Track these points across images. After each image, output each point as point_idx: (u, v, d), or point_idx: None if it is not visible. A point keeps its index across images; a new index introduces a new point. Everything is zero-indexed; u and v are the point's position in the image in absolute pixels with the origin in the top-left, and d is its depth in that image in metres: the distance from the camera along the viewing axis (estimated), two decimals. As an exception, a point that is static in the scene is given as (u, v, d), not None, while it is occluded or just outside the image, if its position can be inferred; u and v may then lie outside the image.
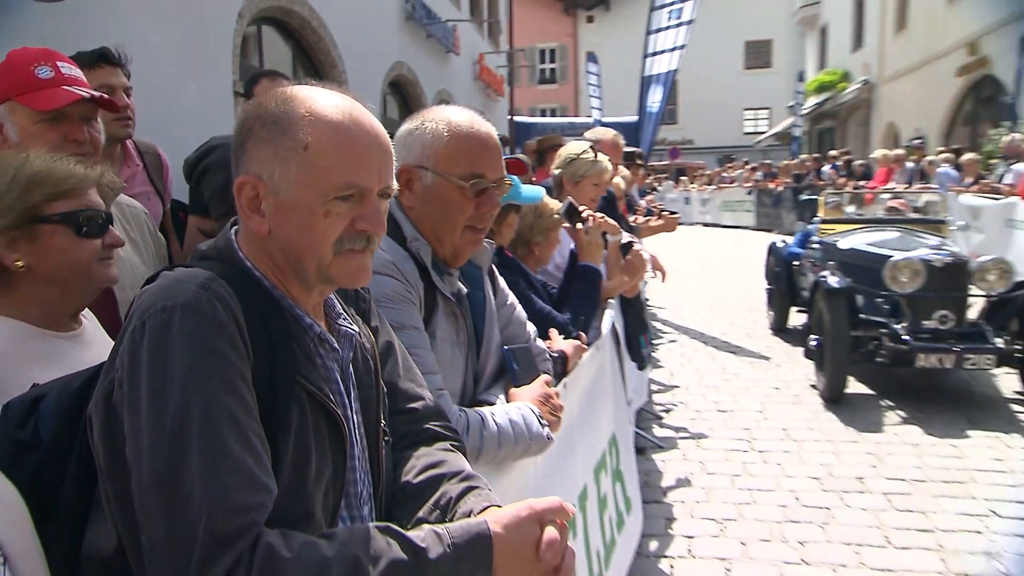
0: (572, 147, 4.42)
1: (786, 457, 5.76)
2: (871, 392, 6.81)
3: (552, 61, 47.49)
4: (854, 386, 6.67)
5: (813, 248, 8.97)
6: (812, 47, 39.51)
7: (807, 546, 4.45)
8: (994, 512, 4.75)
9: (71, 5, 5.57)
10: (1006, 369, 6.46)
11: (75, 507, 1.31)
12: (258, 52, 11.41)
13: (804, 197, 20.02)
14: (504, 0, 27.58)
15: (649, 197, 10.58)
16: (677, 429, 6.44)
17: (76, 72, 2.45)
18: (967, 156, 15.03)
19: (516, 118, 21.20)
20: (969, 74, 22.45)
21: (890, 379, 6.99)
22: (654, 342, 8.93)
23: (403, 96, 17.32)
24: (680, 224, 8.47)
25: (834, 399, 6.54)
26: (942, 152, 17.02)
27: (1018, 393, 6.49)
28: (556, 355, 2.57)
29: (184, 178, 3.28)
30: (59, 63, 2.40)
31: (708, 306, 11.83)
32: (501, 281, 2.47)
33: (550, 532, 1.33)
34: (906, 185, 15.36)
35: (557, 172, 4.31)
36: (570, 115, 37.77)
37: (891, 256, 6.81)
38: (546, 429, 2.04)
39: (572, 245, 3.68)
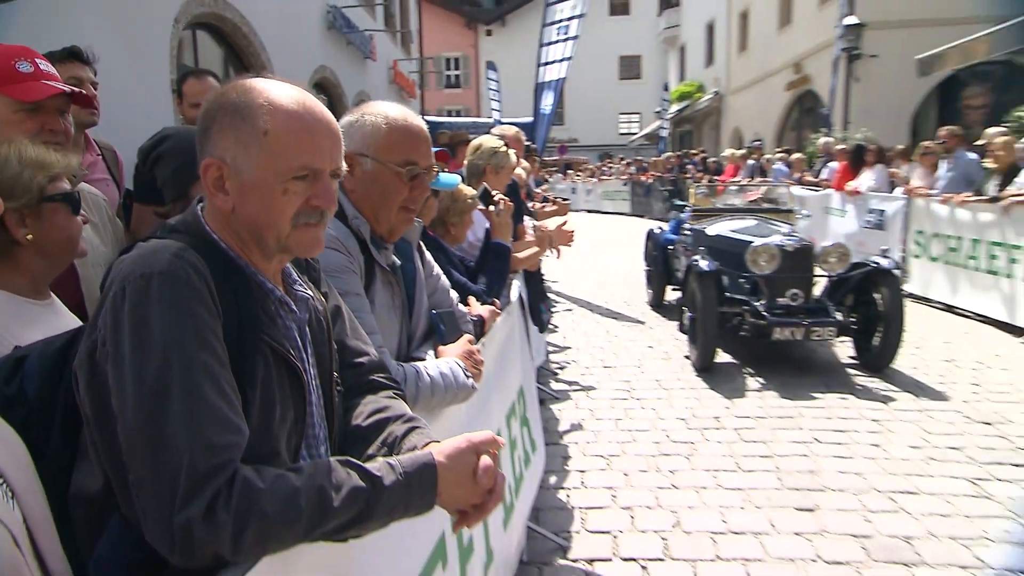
0: (493, 141, 4.43)
1: (659, 403, 5.93)
2: (735, 361, 6.94)
3: (457, 68, 47.36)
4: (721, 356, 6.77)
5: (685, 235, 8.89)
6: (674, 63, 40.46)
7: (676, 474, 4.62)
8: (817, 439, 5.10)
9: (22, 5, 5.34)
10: (843, 339, 6.71)
11: (62, 453, 1.29)
12: (193, 54, 11.11)
13: (666, 188, 20.62)
14: (414, 13, 27.42)
15: (543, 187, 10.65)
16: (570, 383, 6.55)
17: (52, 68, 2.40)
18: (795, 156, 15.78)
19: (427, 117, 20.98)
20: (795, 89, 23.45)
21: (751, 349, 7.08)
22: (551, 310, 8.98)
23: (327, 96, 17.00)
24: (570, 211, 8.55)
25: (705, 368, 6.59)
26: (777, 152, 17.70)
27: (851, 358, 6.77)
28: (475, 319, 2.60)
29: (137, 165, 3.20)
30: (37, 59, 2.35)
31: (594, 282, 12.02)
32: (428, 254, 2.47)
33: (485, 460, 1.37)
34: (749, 179, 15.87)
35: (480, 163, 4.31)
36: (473, 116, 37.71)
37: (751, 242, 6.79)
38: (470, 380, 2.06)
39: (487, 225, 3.70)
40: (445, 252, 3.16)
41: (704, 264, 6.61)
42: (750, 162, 17.13)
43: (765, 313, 6.41)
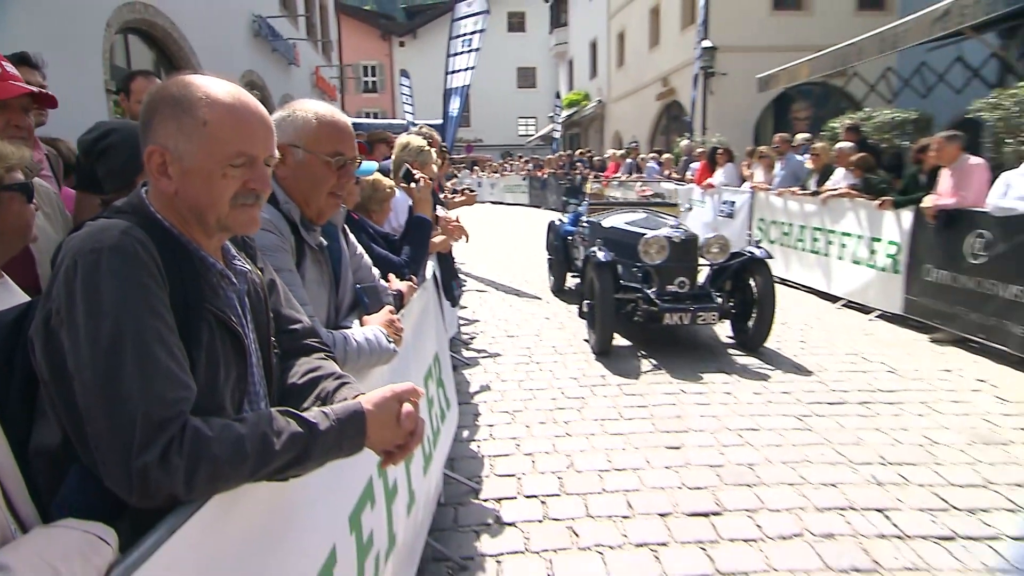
0: (419, 141, 4.38)
1: (555, 366, 6.01)
2: (629, 344, 6.77)
3: (374, 75, 46.47)
4: (617, 340, 6.58)
5: (583, 226, 8.38)
6: (564, 74, 40.71)
7: (569, 424, 4.69)
8: (683, 390, 5.28)
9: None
10: (725, 322, 6.65)
11: (20, 413, 1.22)
12: (126, 57, 10.64)
13: (563, 183, 20.87)
14: (334, 25, 26.78)
15: (453, 180, 10.57)
16: (479, 351, 6.55)
17: (15, 70, 2.30)
18: (665, 156, 16.13)
19: (356, 120, 20.67)
20: (663, 99, 24.01)
21: (645, 333, 6.92)
22: (462, 287, 8.85)
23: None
24: (476, 202, 8.54)
25: (603, 352, 6.34)
26: (650, 153, 18.13)
27: (729, 337, 6.80)
28: (395, 292, 2.57)
29: (79, 157, 3.03)
30: (3, 62, 2.25)
31: (498, 263, 11.97)
32: (351, 236, 2.42)
33: (407, 406, 1.38)
34: (628, 175, 16.21)
35: (408, 159, 4.24)
36: (389, 117, 37.20)
37: (643, 234, 6.52)
38: (392, 344, 2.04)
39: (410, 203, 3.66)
40: (367, 230, 3.11)
41: (601, 255, 6.30)
42: (628, 161, 17.47)
43: (657, 300, 6.14)
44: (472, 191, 8.82)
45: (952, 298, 6.39)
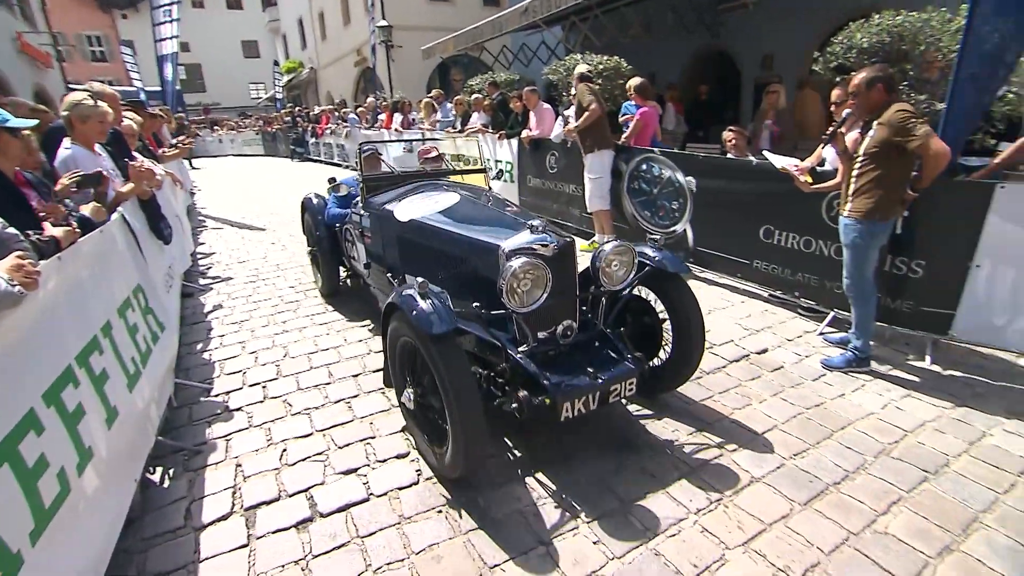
0: (77, 96, 3.36)
1: (277, 279, 5.48)
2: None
3: (100, 45, 36.24)
4: None
5: (362, 214, 3.89)
6: (280, 46, 35.74)
7: (287, 322, 4.34)
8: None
9: None
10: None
11: None
12: None
13: (291, 135, 18.78)
14: (35, -5, 19.52)
15: (186, 138, 8.64)
16: (214, 278, 5.70)
17: None
18: (360, 109, 14.51)
19: (74, 86, 15.91)
20: (359, 66, 22.34)
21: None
22: (204, 227, 7.45)
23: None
24: (220, 156, 7.21)
25: None
26: (354, 107, 16.83)
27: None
28: (47, 239, 1.99)
29: None
30: None
31: (234, 204, 10.39)
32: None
33: None
34: (345, 118, 14.97)
35: (65, 113, 3.28)
36: (124, 85, 29.75)
37: (497, 246, 2.48)
38: (16, 287, 1.56)
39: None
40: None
41: (428, 308, 2.16)
42: (336, 113, 16.18)
43: (542, 380, 2.29)
44: (188, 142, 7.35)
45: (543, 195, 7.00)
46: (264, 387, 3.37)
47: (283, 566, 2.05)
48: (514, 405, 2.25)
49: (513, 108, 7.44)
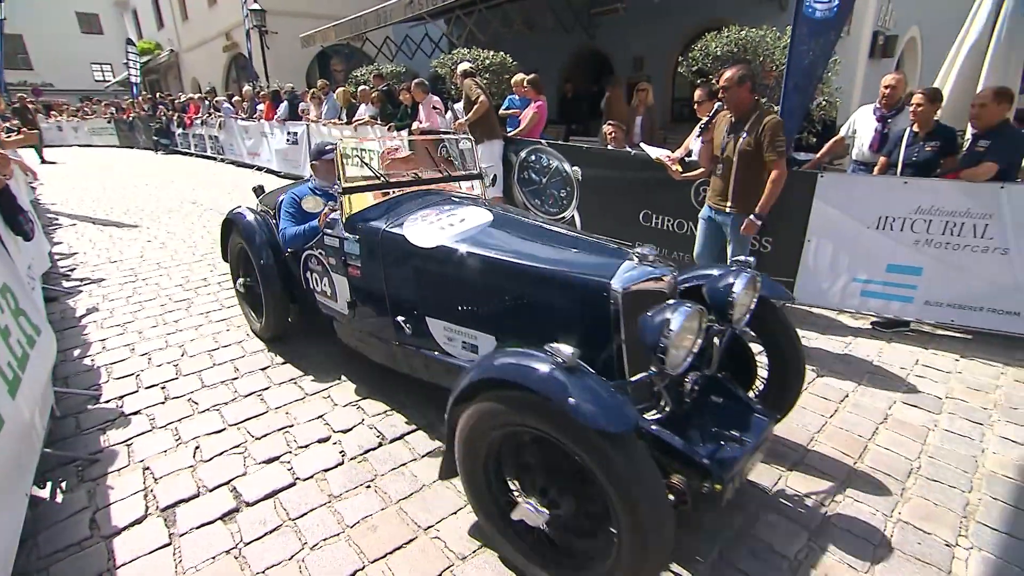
0: None
1: (161, 278, 5.05)
2: None
3: None
4: None
5: (345, 237, 2.76)
6: (130, 23, 31.64)
7: (179, 321, 4.07)
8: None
9: None
10: None
11: None
12: None
13: (154, 126, 16.83)
14: None
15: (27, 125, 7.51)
16: (82, 279, 5.11)
17: None
18: (235, 98, 13.65)
19: None
20: (230, 51, 20.63)
21: None
22: (57, 224, 6.47)
23: None
24: (63, 147, 6.33)
25: None
26: (226, 96, 15.53)
27: None
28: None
29: None
30: None
31: (93, 199, 9.26)
32: None
33: None
34: (211, 113, 13.79)
35: None
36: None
37: (602, 284, 1.86)
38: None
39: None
40: None
41: (596, 394, 1.47)
42: (205, 102, 14.84)
43: (702, 461, 1.67)
44: (33, 130, 6.47)
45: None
46: (163, 388, 3.18)
47: (214, 557, 2.03)
48: (671, 497, 1.59)
49: (402, 100, 7.42)
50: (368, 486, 2.38)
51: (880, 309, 3.94)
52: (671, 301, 1.80)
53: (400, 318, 2.57)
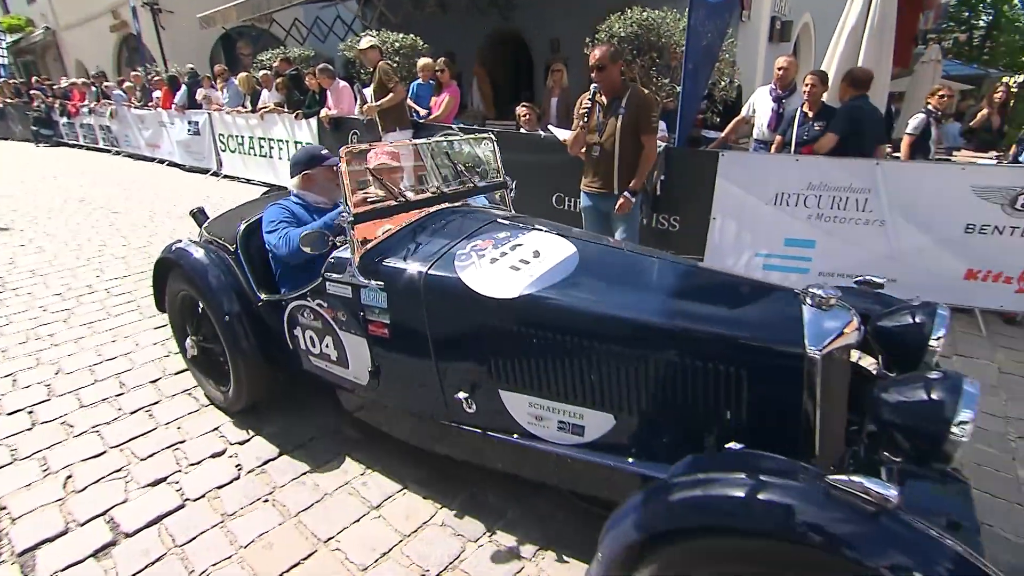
0: None
1: (35, 288, 4.50)
2: None
3: None
4: None
5: (363, 284, 1.96)
6: (-5, -4, 27.91)
7: (55, 335, 3.63)
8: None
9: None
10: None
11: None
12: None
13: (33, 114, 15.02)
14: None
15: None
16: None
17: None
18: (126, 84, 12.25)
19: None
20: (119, 31, 18.77)
21: None
22: None
23: None
24: None
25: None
26: (118, 81, 14.12)
27: None
28: None
29: None
30: None
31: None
32: None
33: None
34: (142, 101, 12.51)
35: None
36: None
37: (795, 344, 1.38)
38: None
39: None
40: None
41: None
42: (93, 88, 13.44)
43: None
44: None
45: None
46: (30, 412, 2.82)
47: (82, 599, 1.82)
48: None
49: (309, 86, 7.01)
50: (266, 500, 2.22)
51: (780, 281, 4.13)
52: (934, 373, 1.42)
53: (460, 394, 1.88)
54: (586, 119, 3.35)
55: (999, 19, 24.11)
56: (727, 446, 1.35)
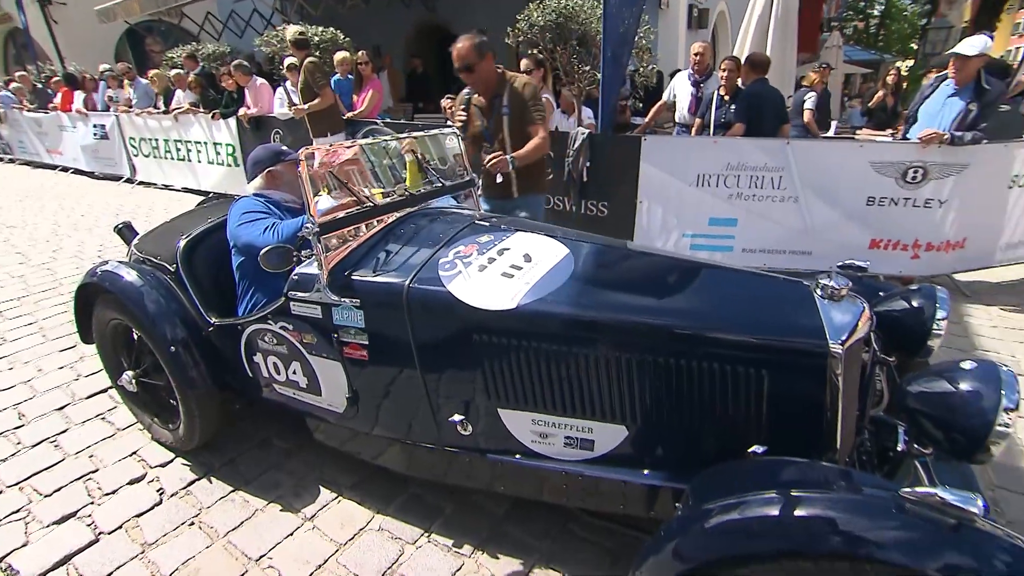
0: None
1: None
2: None
3: None
4: None
5: (336, 303, 1.75)
6: None
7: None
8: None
9: None
10: None
11: None
12: None
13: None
14: None
15: None
16: None
17: None
18: (14, 85, 10.99)
19: None
20: (3, 23, 16.99)
21: None
22: None
23: None
24: None
25: None
26: (7, 80, 12.80)
27: None
28: None
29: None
30: None
31: None
32: None
33: None
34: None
35: None
36: None
37: (818, 343, 1.30)
38: None
39: None
40: None
41: None
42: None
43: None
44: None
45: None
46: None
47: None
48: None
49: (225, 85, 6.62)
50: (191, 523, 2.08)
51: (708, 259, 4.31)
52: (967, 364, 1.35)
53: (454, 416, 1.71)
54: (465, 130, 2.85)
55: (889, 8, 26.05)
56: (750, 450, 1.31)
